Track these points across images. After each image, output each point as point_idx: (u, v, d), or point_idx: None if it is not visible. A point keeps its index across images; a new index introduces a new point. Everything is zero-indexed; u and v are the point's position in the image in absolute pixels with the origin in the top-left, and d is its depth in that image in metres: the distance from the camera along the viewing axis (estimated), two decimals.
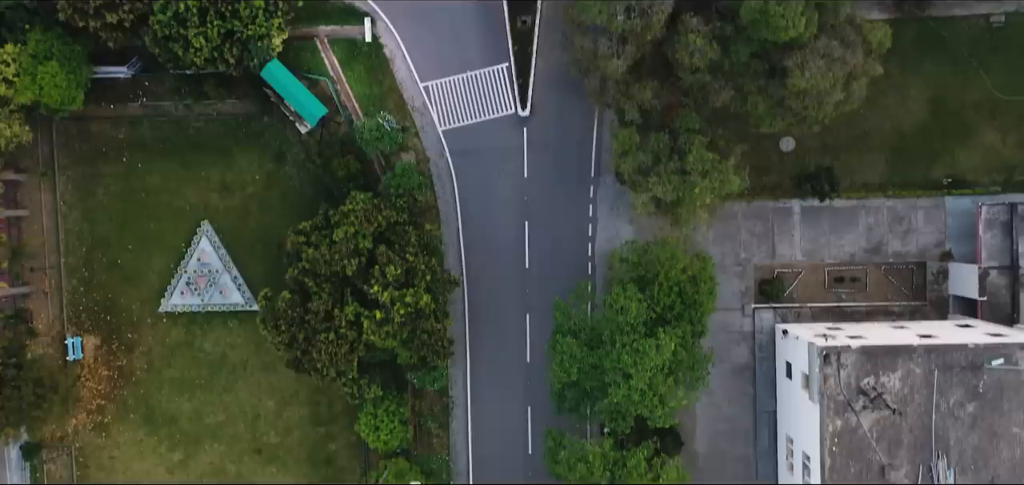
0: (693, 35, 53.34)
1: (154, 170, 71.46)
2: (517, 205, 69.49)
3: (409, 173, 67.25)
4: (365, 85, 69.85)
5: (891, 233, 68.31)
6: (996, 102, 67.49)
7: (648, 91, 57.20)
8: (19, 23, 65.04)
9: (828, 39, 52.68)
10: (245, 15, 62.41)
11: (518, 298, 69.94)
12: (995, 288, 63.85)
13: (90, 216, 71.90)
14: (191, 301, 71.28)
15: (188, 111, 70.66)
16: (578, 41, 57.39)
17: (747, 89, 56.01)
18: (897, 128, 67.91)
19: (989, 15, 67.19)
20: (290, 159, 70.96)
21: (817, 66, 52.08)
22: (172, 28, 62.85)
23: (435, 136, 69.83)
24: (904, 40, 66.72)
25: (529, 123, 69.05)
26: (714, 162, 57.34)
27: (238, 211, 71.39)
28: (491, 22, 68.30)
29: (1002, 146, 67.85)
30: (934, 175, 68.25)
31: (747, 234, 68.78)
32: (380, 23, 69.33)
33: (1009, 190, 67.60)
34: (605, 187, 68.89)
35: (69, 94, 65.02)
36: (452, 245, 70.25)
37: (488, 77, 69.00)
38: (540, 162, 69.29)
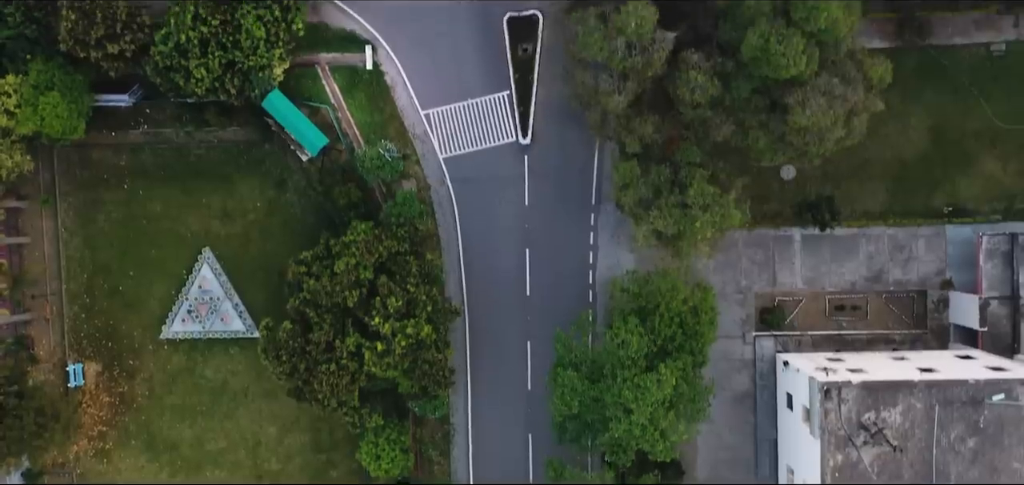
0: (694, 72, 53.37)
1: (155, 197, 71.52)
2: (518, 233, 69.54)
3: (410, 201, 67.29)
4: (366, 112, 69.89)
5: (892, 261, 68.34)
6: (997, 131, 67.54)
7: (649, 125, 57.23)
8: (21, 53, 65.18)
9: (829, 76, 52.67)
10: (246, 46, 62.46)
11: (519, 325, 69.99)
12: (996, 318, 63.89)
13: (91, 243, 71.98)
14: (192, 328, 71.34)
15: (189, 138, 70.70)
16: (579, 76, 57.43)
17: (748, 124, 56.05)
18: (898, 157, 67.95)
19: (989, 44, 67.23)
20: (291, 186, 71.01)
21: (818, 104, 52.11)
22: (173, 59, 62.98)
23: (436, 163, 69.87)
24: (905, 69, 66.78)
25: (530, 151, 69.11)
26: (715, 196, 57.37)
27: (239, 238, 71.45)
28: (492, 50, 68.38)
29: (1003, 174, 67.89)
30: (935, 204, 68.29)
31: (748, 262, 68.82)
32: (381, 51, 69.38)
33: (1010, 218, 67.63)
34: (606, 215, 68.93)
35: (70, 124, 65.10)
36: (453, 272, 70.29)
37: (489, 105, 69.05)
38: (541, 190, 69.35)
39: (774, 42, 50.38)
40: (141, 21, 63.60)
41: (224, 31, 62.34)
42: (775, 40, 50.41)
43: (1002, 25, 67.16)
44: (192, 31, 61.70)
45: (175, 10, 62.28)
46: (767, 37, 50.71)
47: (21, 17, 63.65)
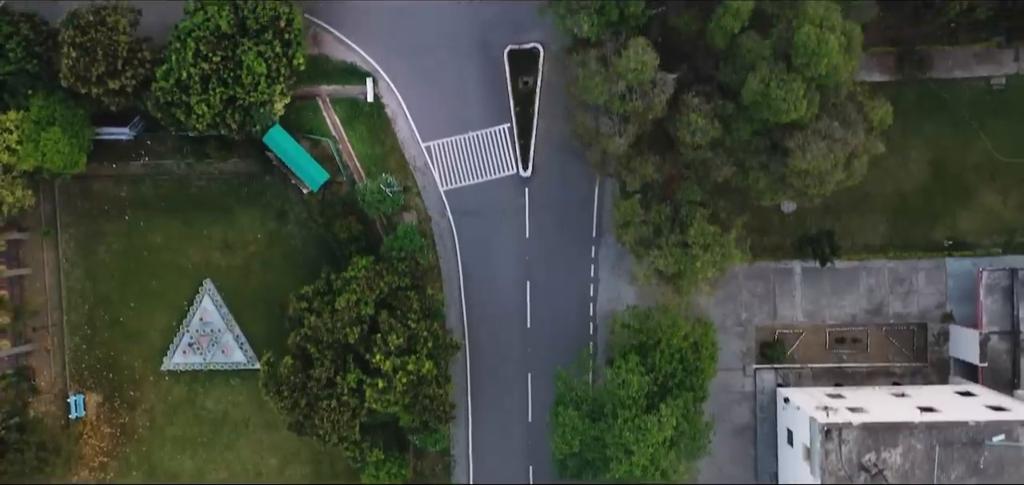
0: (695, 114, 53.42)
1: (156, 228, 71.57)
2: (519, 265, 69.60)
3: (411, 235, 67.33)
4: (367, 145, 69.94)
5: (892, 294, 68.42)
6: (997, 164, 67.64)
7: (650, 165, 57.29)
8: (22, 88, 65.20)
9: (829, 119, 52.72)
10: (247, 82, 62.43)
11: (520, 357, 70.06)
12: (996, 353, 63.96)
13: (92, 274, 72.02)
14: (193, 360, 71.40)
15: (190, 170, 70.77)
16: (580, 117, 57.50)
17: (748, 165, 56.10)
18: (898, 190, 68.03)
19: (990, 78, 67.34)
20: (292, 218, 71.06)
21: (819, 148, 52.16)
22: (174, 94, 62.96)
23: (437, 196, 69.92)
24: (905, 102, 66.98)
25: (531, 183, 69.16)
26: (716, 235, 57.42)
27: (240, 270, 71.49)
28: (493, 83, 68.45)
29: (1003, 208, 67.97)
30: (935, 237, 68.39)
31: (748, 295, 68.88)
32: (382, 83, 69.45)
33: (1010, 252, 67.76)
34: (607, 247, 68.97)
35: (72, 158, 65.15)
36: (454, 304, 70.34)
37: (490, 137, 69.11)
38: (542, 222, 69.41)
39: (775, 87, 50.42)
40: (142, 56, 63.56)
41: (225, 67, 62.32)
42: (776, 85, 50.45)
43: (1002, 59, 67.29)
44: (193, 67, 61.69)
45: (176, 46, 62.24)
46: (768, 82, 50.76)
47: (22, 52, 63.72)
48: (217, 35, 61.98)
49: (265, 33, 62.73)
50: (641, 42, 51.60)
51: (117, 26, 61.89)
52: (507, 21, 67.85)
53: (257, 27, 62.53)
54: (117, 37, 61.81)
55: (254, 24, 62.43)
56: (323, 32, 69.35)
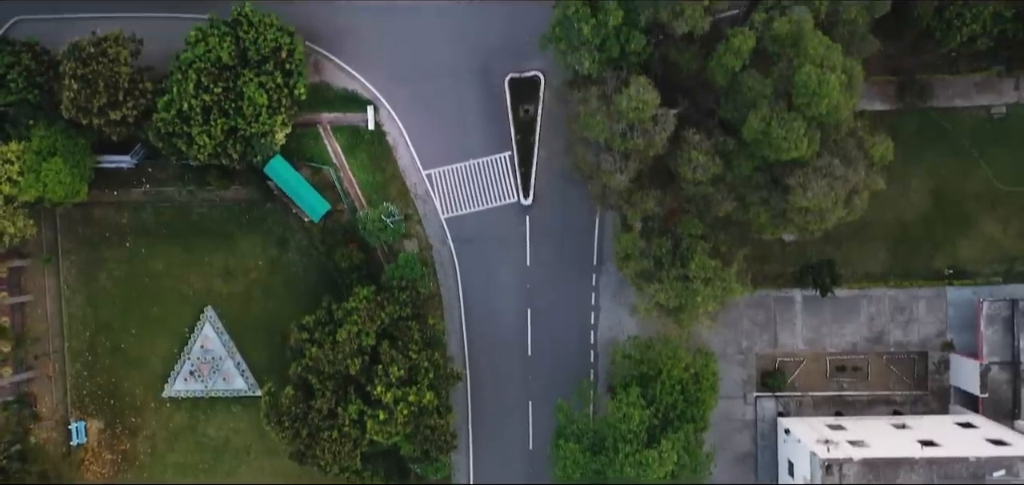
0: (696, 151, 53.45)
1: (157, 255, 71.63)
2: (520, 292, 69.64)
3: (412, 264, 67.35)
4: (368, 172, 69.99)
5: (893, 323, 68.47)
6: (997, 193, 67.67)
7: (651, 200, 57.34)
8: (23, 118, 65.28)
9: (830, 156, 52.74)
10: (248, 113, 62.49)
11: (521, 385, 70.12)
12: (996, 384, 64.02)
13: (93, 301, 72.10)
14: (194, 387, 71.48)
15: (191, 197, 70.84)
16: (581, 152, 57.53)
17: (749, 200, 56.14)
18: (899, 218, 68.06)
19: (990, 106, 67.38)
20: (293, 245, 71.09)
21: (819, 186, 52.19)
22: (175, 125, 62.98)
23: (438, 223, 69.97)
24: (906, 131, 67.12)
25: (532, 211, 69.21)
26: (717, 270, 57.47)
27: (241, 297, 71.54)
28: (494, 111, 68.48)
29: (1003, 237, 68.00)
30: (935, 265, 68.43)
31: (749, 323, 68.91)
32: (383, 111, 69.48)
33: (1010, 280, 67.79)
34: (608, 275, 69.01)
35: (73, 188, 65.26)
36: (455, 332, 70.39)
37: (491, 165, 69.15)
38: (543, 250, 69.45)
39: (776, 126, 50.45)
40: (143, 87, 63.60)
41: (226, 98, 62.40)
42: (777, 124, 50.48)
43: (1003, 88, 67.33)
44: (194, 99, 61.74)
45: (177, 78, 62.29)
46: (769, 121, 50.79)
47: (23, 83, 63.86)
48: (218, 66, 62.07)
49: (266, 64, 62.85)
50: (642, 81, 51.62)
51: (118, 57, 61.96)
52: (508, 49, 67.90)
53: (258, 58, 62.66)
54: (118, 69, 61.87)
55: (255, 55, 62.54)
56: (324, 60, 69.38)
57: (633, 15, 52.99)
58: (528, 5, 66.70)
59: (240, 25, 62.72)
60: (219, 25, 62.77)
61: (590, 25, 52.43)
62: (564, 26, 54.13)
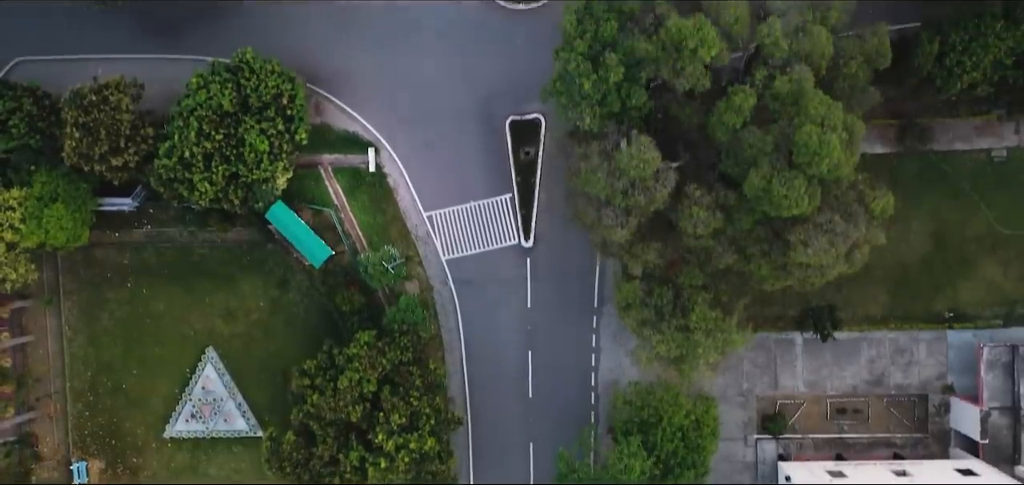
0: (697, 207, 53.48)
1: (158, 296, 71.69)
2: (521, 334, 69.73)
3: (413, 307, 67.37)
4: (369, 214, 70.06)
5: (893, 365, 68.55)
6: (997, 236, 67.74)
7: (652, 252, 57.39)
8: (25, 164, 65.30)
9: (831, 213, 52.76)
10: (250, 160, 62.50)
11: (521, 427, 70.20)
12: (997, 429, 64.12)
13: (95, 341, 72.19)
14: (196, 427, 71.55)
15: (192, 238, 70.93)
16: (582, 205, 57.54)
17: (750, 253, 56.17)
18: (899, 261, 68.09)
19: (991, 150, 67.46)
20: (294, 286, 71.16)
21: (820, 243, 52.24)
22: (177, 171, 62.97)
23: (438, 265, 70.04)
24: (906, 174, 67.27)
25: (532, 253, 69.28)
26: (717, 321, 57.57)
27: (242, 337, 71.63)
28: (494, 153, 68.59)
29: (1003, 280, 68.07)
30: (936, 308, 68.50)
31: (750, 365, 68.99)
32: (384, 152, 69.54)
33: (1011, 324, 67.86)
34: (608, 317, 69.08)
35: (74, 233, 65.37)
36: (456, 373, 70.48)
37: (491, 207, 69.22)
38: (543, 292, 69.52)
39: (776, 184, 50.48)
40: (144, 133, 63.67)
41: (227, 144, 62.42)
42: (778, 182, 50.51)
43: (1003, 132, 67.41)
44: (196, 146, 61.77)
45: (178, 125, 62.31)
46: (769, 178, 50.84)
47: (25, 128, 63.88)
48: (219, 113, 62.10)
49: (268, 110, 62.88)
50: (644, 140, 51.65)
51: (120, 105, 62.02)
52: (508, 92, 68.03)
53: (259, 104, 62.67)
54: (120, 116, 61.95)
55: (256, 102, 62.58)
56: (325, 101, 69.49)
57: (634, 71, 53.02)
58: (529, 48, 66.85)
59: (242, 71, 62.76)
60: (221, 71, 62.80)
61: (591, 80, 52.49)
62: (565, 80, 54.17)
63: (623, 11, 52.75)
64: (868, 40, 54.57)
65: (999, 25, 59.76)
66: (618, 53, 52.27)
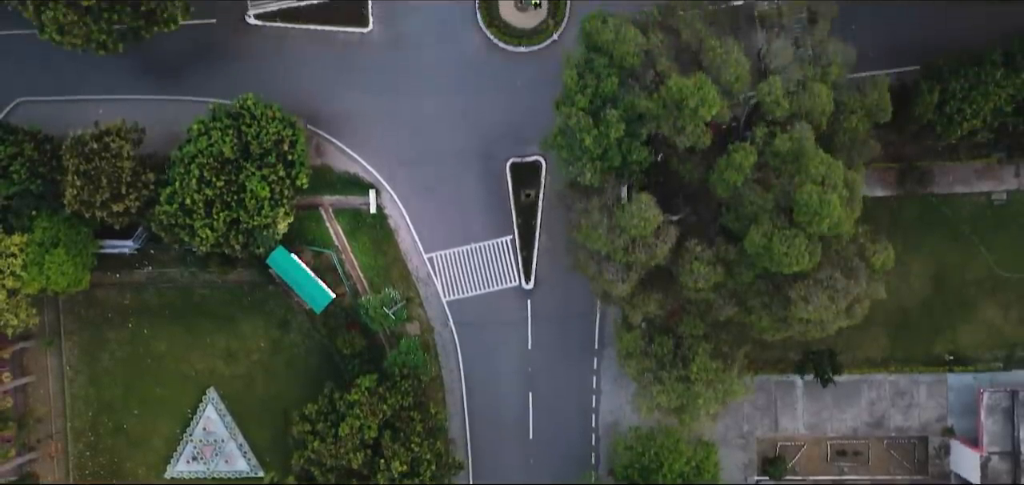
0: (697, 262, 53.58)
1: (159, 336, 71.78)
2: (521, 376, 69.84)
3: (414, 351, 67.43)
4: (370, 256, 70.11)
5: (893, 408, 68.66)
6: (998, 279, 67.81)
7: (652, 303, 57.47)
8: (26, 209, 65.32)
9: (832, 269, 52.85)
10: (251, 206, 62.55)
11: (522, 469, 70.32)
12: (997, 474, 64.23)
13: (96, 381, 72.28)
14: (197, 468, 71.65)
15: (193, 279, 71.01)
16: (582, 257, 57.63)
17: (751, 305, 56.26)
18: (899, 304, 68.10)
19: (990, 193, 67.53)
20: (295, 327, 71.22)
21: (820, 300, 52.34)
22: (178, 217, 63.03)
23: (439, 306, 70.12)
24: (906, 217, 67.41)
25: (533, 295, 69.38)
26: (718, 371, 57.66)
27: (243, 378, 71.71)
28: (495, 195, 68.68)
29: (1003, 323, 68.16)
30: (936, 351, 68.59)
31: (750, 407, 69.07)
32: (385, 194, 69.61)
33: (1011, 367, 67.97)
34: (609, 359, 69.18)
35: (76, 277, 65.50)
36: (456, 415, 70.59)
37: (492, 249, 69.31)
38: (544, 333, 69.63)
39: (777, 242, 50.56)
40: (146, 178, 63.69)
41: (228, 190, 62.44)
42: (778, 240, 50.60)
43: (1003, 175, 67.48)
44: (197, 193, 61.82)
45: (180, 171, 62.36)
46: (770, 236, 50.92)
47: (26, 173, 63.91)
48: (220, 160, 62.15)
49: (268, 156, 62.90)
50: (644, 198, 51.74)
51: (121, 152, 62.02)
52: (509, 134, 68.10)
53: (260, 151, 62.70)
54: (121, 163, 61.95)
55: (257, 149, 62.60)
56: (326, 143, 69.51)
57: (634, 127, 53.10)
58: (530, 90, 66.93)
59: (243, 117, 62.79)
60: (222, 117, 62.84)
61: (592, 136, 52.55)
62: (566, 135, 54.24)
63: (624, 67, 52.77)
64: (868, 94, 54.70)
65: (999, 73, 59.83)
66: (619, 109, 52.35)
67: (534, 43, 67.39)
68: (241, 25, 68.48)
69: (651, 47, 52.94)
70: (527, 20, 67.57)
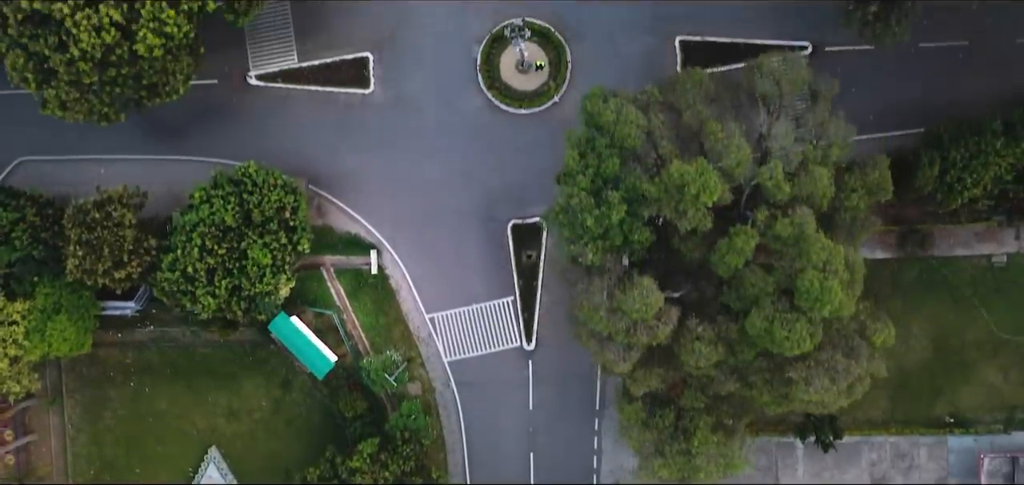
0: (698, 342, 53.74)
1: (161, 394, 71.94)
2: (522, 437, 70.04)
3: (415, 414, 67.56)
4: (371, 316, 70.22)
5: (894, 469, 68.84)
6: (998, 341, 67.98)
7: (654, 378, 57.64)
8: (28, 275, 65.39)
9: (833, 350, 53.02)
10: (253, 273, 62.66)
11: None
12: None
13: (98, 439, 72.47)
14: None
15: (195, 338, 71.14)
16: (583, 333, 57.75)
17: (752, 380, 56.41)
18: (900, 365, 68.21)
19: (991, 256, 67.69)
20: (296, 386, 71.37)
21: (821, 382, 52.50)
22: (180, 284, 63.13)
23: (441, 366, 70.26)
24: (907, 279, 67.58)
25: (534, 356, 69.52)
26: (719, 445, 57.79)
27: (245, 437, 71.87)
28: (496, 256, 68.78)
29: (1004, 385, 68.34)
30: (936, 413, 68.82)
31: (751, 468, 69.14)
32: (386, 254, 69.68)
33: (1011, 429, 68.21)
34: (610, 420, 69.34)
35: (77, 342, 65.62)
36: (457, 475, 70.74)
37: (493, 310, 69.42)
38: (545, 394, 69.80)
39: (778, 327, 50.72)
40: (147, 245, 63.69)
41: (230, 258, 62.56)
42: (779, 324, 50.75)
43: (1003, 238, 67.63)
44: (199, 262, 61.94)
45: (181, 239, 62.47)
46: (771, 320, 51.08)
47: (28, 239, 64.01)
48: (222, 228, 62.26)
49: (270, 223, 62.99)
50: (646, 283, 51.85)
51: (123, 220, 62.01)
52: (510, 195, 68.21)
53: (262, 218, 62.78)
54: (123, 232, 61.94)
55: (259, 216, 62.69)
56: (327, 203, 69.58)
57: (636, 207, 53.20)
58: (531, 151, 67.05)
59: (244, 185, 62.89)
60: (223, 184, 62.92)
61: (594, 216, 52.64)
62: (567, 213, 54.33)
63: (625, 147, 52.86)
64: (870, 173, 54.81)
65: (999, 142, 59.93)
66: (620, 191, 52.45)
67: (535, 105, 67.45)
68: (243, 85, 68.51)
69: (652, 129, 53.02)
70: (528, 82, 67.66)
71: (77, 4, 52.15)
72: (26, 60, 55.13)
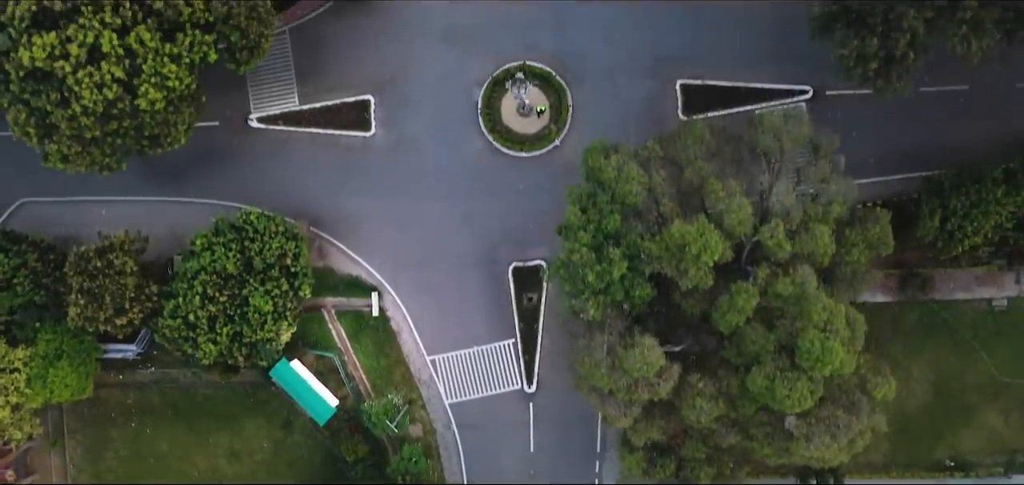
0: (699, 398, 53.82)
1: (163, 436, 72.01)
2: (523, 479, 70.18)
3: (416, 458, 67.65)
4: (372, 358, 70.29)
5: None
6: (998, 384, 68.08)
7: (655, 429, 57.73)
8: (29, 320, 65.43)
9: (833, 407, 53.10)
10: (254, 321, 62.72)
11: None
12: None
13: (99, 480, 72.63)
14: None
15: (196, 379, 71.20)
16: (584, 386, 57.82)
17: (753, 433, 56.50)
18: (900, 409, 68.18)
19: (991, 299, 67.75)
20: (297, 428, 71.44)
21: (822, 439, 52.58)
22: (181, 330, 63.19)
23: (442, 409, 70.33)
24: (907, 322, 67.67)
25: (535, 398, 69.59)
26: None
27: (246, 478, 71.97)
28: (497, 298, 68.84)
29: (1004, 428, 68.44)
30: (937, 456, 68.94)
31: None
32: (387, 296, 69.72)
33: (1012, 472, 68.35)
34: (610, 463, 69.41)
35: (79, 387, 65.67)
36: None
37: (494, 353, 69.49)
38: (546, 437, 69.86)
39: (779, 386, 50.79)
40: (149, 291, 63.75)
41: (231, 304, 62.61)
42: (780, 383, 50.82)
43: (1004, 281, 67.69)
44: (200, 309, 62.00)
45: (182, 286, 62.54)
46: (772, 378, 51.16)
47: (30, 285, 64.03)
48: (223, 275, 62.31)
49: (272, 270, 63.04)
50: (647, 341, 51.93)
51: (124, 268, 62.04)
52: (511, 238, 68.27)
53: (263, 265, 62.84)
54: (124, 280, 61.97)
55: (260, 263, 62.74)
56: (329, 245, 69.61)
57: (637, 263, 53.27)
58: (531, 194, 67.13)
59: (245, 232, 62.95)
60: (225, 231, 62.97)
61: (595, 272, 52.70)
62: (568, 268, 54.40)
63: (626, 204, 52.91)
64: (870, 228, 54.87)
65: (1000, 190, 60.07)
66: (622, 247, 52.52)
67: (536, 149, 67.48)
68: (244, 128, 68.53)
69: (653, 185, 53.07)
70: (528, 126, 67.69)
71: (79, 62, 52.15)
72: (28, 115, 55.18)
